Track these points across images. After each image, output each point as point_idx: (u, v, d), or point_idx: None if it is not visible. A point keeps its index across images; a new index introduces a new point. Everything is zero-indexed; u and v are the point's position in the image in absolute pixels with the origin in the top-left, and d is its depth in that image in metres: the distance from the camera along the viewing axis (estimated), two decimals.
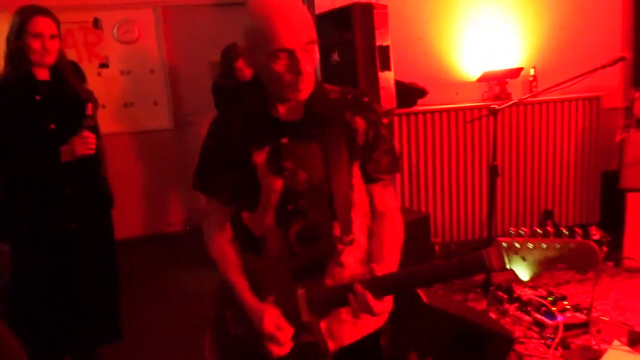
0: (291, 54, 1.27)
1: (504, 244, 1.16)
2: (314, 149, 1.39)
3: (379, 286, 1.27)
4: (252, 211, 1.47)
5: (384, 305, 1.28)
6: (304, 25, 1.28)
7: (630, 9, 4.33)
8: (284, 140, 1.40)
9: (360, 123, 1.41)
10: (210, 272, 1.56)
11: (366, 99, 1.45)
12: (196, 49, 5.10)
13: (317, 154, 1.39)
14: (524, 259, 1.15)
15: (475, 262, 1.19)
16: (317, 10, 3.79)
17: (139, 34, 5.00)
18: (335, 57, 3.55)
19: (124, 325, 2.62)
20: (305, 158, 1.40)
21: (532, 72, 4.20)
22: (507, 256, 1.16)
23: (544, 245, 1.13)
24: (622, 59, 3.24)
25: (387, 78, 3.53)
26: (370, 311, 1.25)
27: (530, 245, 1.14)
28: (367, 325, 1.46)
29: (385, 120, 3.66)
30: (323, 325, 1.40)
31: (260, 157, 1.41)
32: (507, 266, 1.16)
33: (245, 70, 3.88)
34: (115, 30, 4.94)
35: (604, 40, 4.32)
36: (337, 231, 1.40)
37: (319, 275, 1.39)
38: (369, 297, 1.25)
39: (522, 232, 1.16)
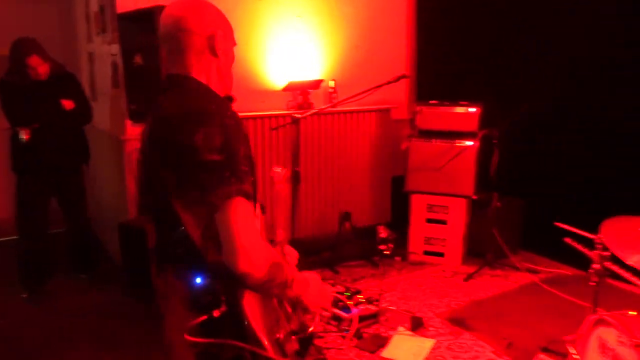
0: None
1: None
2: None
3: None
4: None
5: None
6: None
7: (413, 33, 4.93)
8: None
9: None
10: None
11: None
12: None
13: None
14: None
15: None
16: (119, 10, 3.60)
17: None
18: (139, 59, 3.41)
19: None
20: None
21: (331, 84, 4.52)
22: None
23: None
24: (403, 76, 3.68)
25: None
26: None
27: None
28: None
29: None
30: None
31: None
32: None
33: (39, 69, 3.49)
34: None
35: (392, 59, 4.85)
36: None
37: None
38: None
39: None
